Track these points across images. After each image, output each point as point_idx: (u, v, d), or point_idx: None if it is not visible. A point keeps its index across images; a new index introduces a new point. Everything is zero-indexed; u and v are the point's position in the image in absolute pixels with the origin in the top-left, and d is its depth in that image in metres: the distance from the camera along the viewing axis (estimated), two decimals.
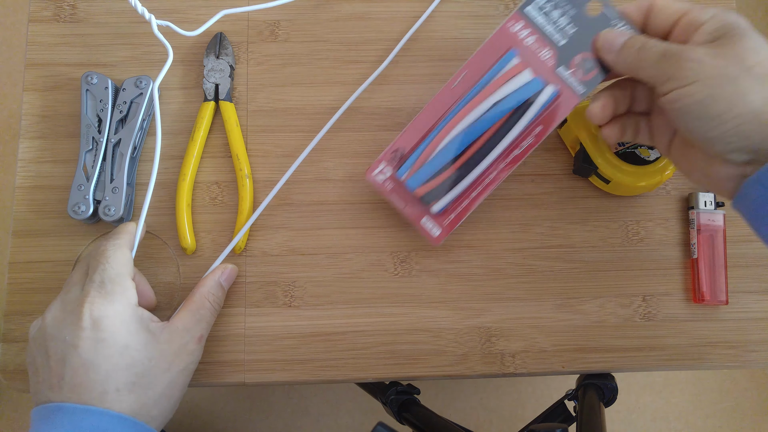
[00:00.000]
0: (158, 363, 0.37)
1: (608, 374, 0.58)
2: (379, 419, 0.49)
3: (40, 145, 0.48)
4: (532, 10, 0.40)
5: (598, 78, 0.40)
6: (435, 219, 0.43)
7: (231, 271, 0.45)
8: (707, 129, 0.33)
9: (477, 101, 0.40)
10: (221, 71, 0.49)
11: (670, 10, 0.37)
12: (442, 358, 0.45)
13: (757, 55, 0.33)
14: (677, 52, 0.34)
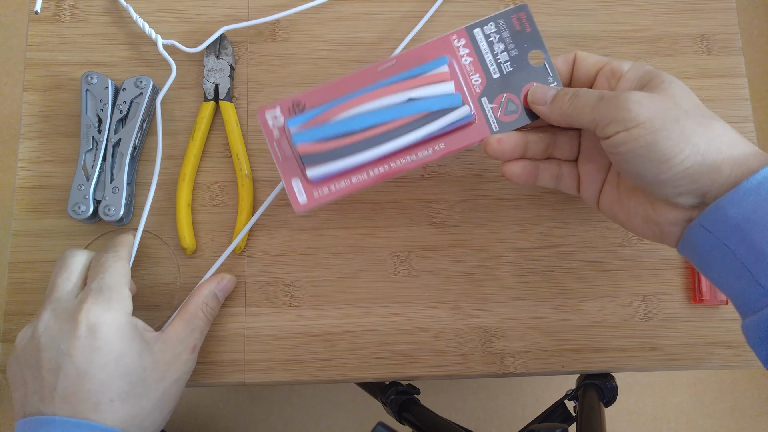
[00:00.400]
0: (152, 373, 0.37)
1: (608, 374, 0.58)
2: (379, 419, 0.49)
3: (40, 145, 0.48)
4: (478, 34, 0.40)
5: (516, 123, 0.39)
6: (307, 185, 0.39)
7: (228, 282, 0.44)
8: (657, 172, 0.32)
9: (394, 89, 0.39)
10: (221, 71, 0.49)
11: (591, 60, 0.38)
12: (441, 358, 0.45)
13: (688, 100, 0.33)
14: (615, 95, 0.34)
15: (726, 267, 0.32)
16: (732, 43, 0.51)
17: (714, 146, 0.32)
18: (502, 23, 0.40)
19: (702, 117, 0.33)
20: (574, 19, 0.51)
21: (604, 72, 0.37)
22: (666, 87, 0.34)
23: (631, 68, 0.36)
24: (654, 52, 0.51)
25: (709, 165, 0.31)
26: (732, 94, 0.50)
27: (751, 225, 0.30)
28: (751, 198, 0.30)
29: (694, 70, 0.50)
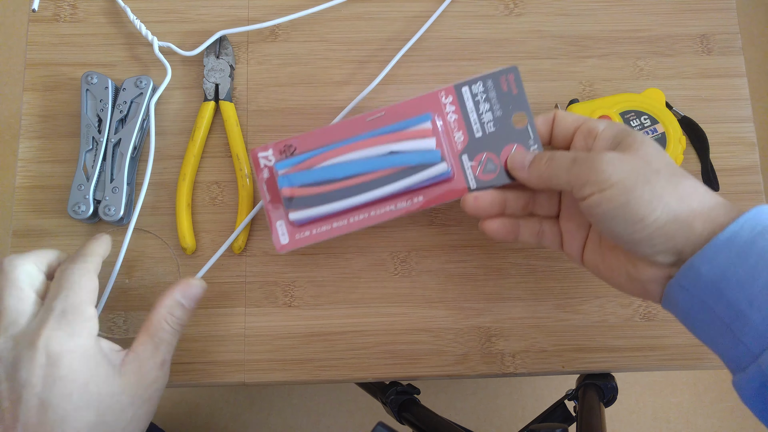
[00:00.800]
0: (121, 397, 0.35)
1: (608, 374, 0.58)
2: (379, 419, 0.49)
3: (40, 145, 0.48)
4: (465, 92, 0.40)
5: (494, 182, 0.40)
6: (290, 228, 0.41)
7: (195, 288, 0.40)
8: (632, 232, 0.33)
9: (378, 141, 0.40)
10: (221, 71, 0.49)
11: (568, 120, 0.39)
12: (442, 358, 0.45)
13: (659, 159, 0.34)
14: (588, 157, 0.35)
15: (708, 324, 0.32)
16: (732, 43, 0.51)
17: (685, 204, 0.32)
18: (491, 83, 0.40)
19: (672, 176, 0.33)
20: (574, 19, 0.51)
21: (582, 131, 0.38)
22: (638, 147, 0.34)
23: (605, 127, 0.37)
24: (654, 52, 0.51)
25: (681, 222, 0.32)
26: (732, 94, 0.50)
27: (726, 283, 0.31)
28: (722, 255, 0.31)
29: (694, 70, 0.51)
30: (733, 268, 0.30)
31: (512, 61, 0.50)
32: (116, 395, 0.35)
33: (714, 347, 0.33)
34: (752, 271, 0.30)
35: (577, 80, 0.50)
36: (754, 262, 0.30)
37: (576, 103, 0.47)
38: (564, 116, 0.39)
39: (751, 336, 0.30)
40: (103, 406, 0.34)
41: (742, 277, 0.30)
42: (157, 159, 0.48)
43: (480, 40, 0.51)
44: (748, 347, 0.30)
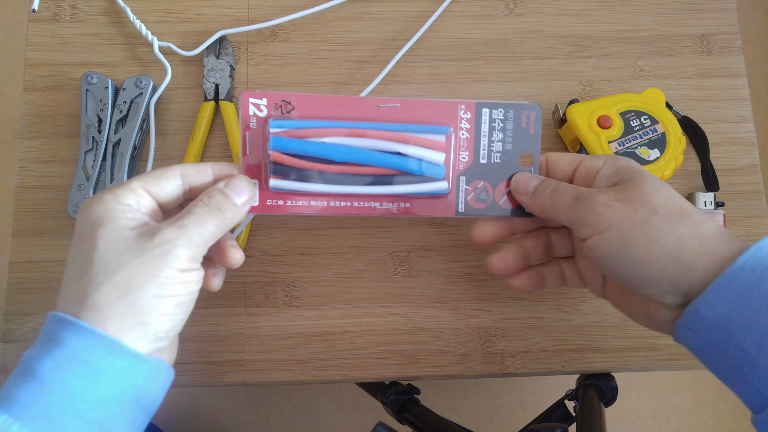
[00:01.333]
0: (123, 248, 0.31)
1: (608, 374, 0.58)
2: (379, 419, 0.49)
3: (40, 145, 0.48)
4: (485, 114, 0.39)
5: (482, 212, 0.39)
6: (264, 190, 0.38)
7: (238, 180, 0.35)
8: (633, 274, 0.33)
9: (387, 136, 0.38)
10: (221, 71, 0.49)
11: (563, 162, 0.38)
12: (442, 358, 0.45)
13: (658, 196, 0.33)
14: (588, 196, 0.34)
15: (719, 365, 0.32)
16: (732, 43, 0.51)
17: (685, 245, 0.31)
18: (511, 114, 0.39)
19: (671, 216, 0.32)
20: (574, 19, 0.51)
21: (580, 171, 0.37)
22: (637, 184, 0.34)
23: (604, 164, 0.36)
24: (654, 52, 0.51)
25: (682, 264, 0.31)
26: (732, 94, 0.50)
27: (733, 326, 0.30)
28: (725, 299, 0.30)
29: (694, 70, 0.51)
30: (737, 313, 0.30)
31: (512, 61, 0.51)
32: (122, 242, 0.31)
33: (729, 386, 0.32)
34: (757, 315, 0.29)
35: (577, 80, 0.50)
36: (758, 306, 0.29)
37: (576, 103, 0.47)
38: (557, 159, 0.38)
39: (763, 380, 0.29)
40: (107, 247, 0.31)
41: (747, 321, 0.29)
42: (157, 159, 0.48)
43: (480, 40, 0.51)
44: (761, 392, 0.30)
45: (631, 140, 0.45)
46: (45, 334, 0.30)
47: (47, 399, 0.28)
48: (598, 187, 0.35)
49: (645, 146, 0.45)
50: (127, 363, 0.30)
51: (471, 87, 0.50)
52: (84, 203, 0.33)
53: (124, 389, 0.30)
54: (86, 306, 0.30)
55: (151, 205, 0.34)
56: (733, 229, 0.47)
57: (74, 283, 0.31)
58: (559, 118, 0.48)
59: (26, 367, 0.29)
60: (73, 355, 0.29)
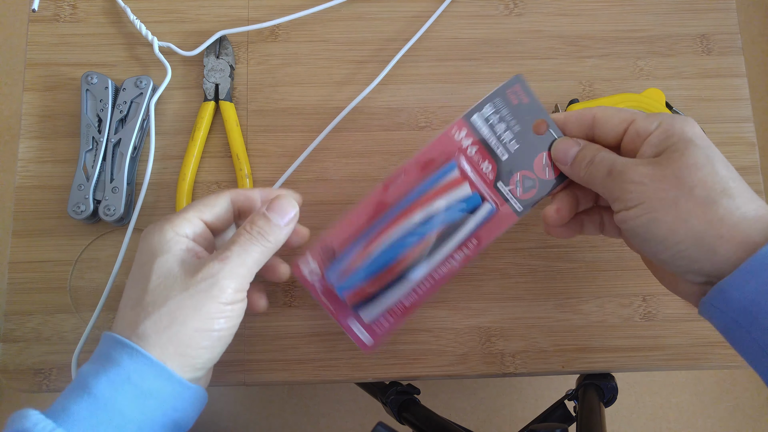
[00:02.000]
0: (173, 280, 0.34)
1: (608, 374, 0.58)
2: (379, 419, 0.49)
3: (40, 145, 0.48)
4: (477, 120, 0.39)
5: (536, 197, 0.39)
6: (367, 327, 0.40)
7: (281, 201, 0.37)
8: (656, 251, 0.33)
9: (412, 210, 0.38)
10: (221, 71, 0.49)
11: (613, 122, 0.36)
12: (442, 358, 0.45)
13: (698, 172, 0.32)
14: (621, 171, 0.33)
15: (744, 344, 0.31)
16: (732, 43, 0.51)
17: (713, 229, 0.31)
18: (499, 101, 0.38)
19: (707, 197, 0.31)
20: (574, 19, 0.51)
21: (630, 133, 0.35)
22: (679, 156, 0.32)
23: (657, 128, 0.34)
24: (654, 52, 0.51)
25: (705, 247, 0.31)
26: (732, 94, 0.50)
27: (759, 308, 0.29)
28: (753, 282, 0.30)
29: (694, 70, 0.51)
30: (766, 297, 0.29)
31: (512, 61, 0.50)
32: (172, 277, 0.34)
33: (752, 365, 0.32)
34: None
35: (577, 80, 0.50)
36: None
37: (576, 103, 0.47)
38: (608, 117, 0.36)
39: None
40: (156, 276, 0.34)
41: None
42: (157, 159, 0.48)
43: (480, 40, 0.51)
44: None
45: None
46: (101, 352, 0.33)
47: (99, 416, 0.30)
48: (643, 153, 0.34)
49: None
50: (172, 388, 0.32)
51: (471, 87, 0.50)
52: (146, 231, 0.36)
53: (167, 412, 0.32)
54: (136, 333, 0.32)
55: (206, 233, 0.36)
56: None
57: (130, 309, 0.33)
58: None
59: (83, 382, 0.31)
60: (127, 376, 0.31)
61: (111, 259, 0.46)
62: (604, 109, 0.37)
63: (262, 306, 0.40)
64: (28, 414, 0.30)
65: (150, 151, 0.46)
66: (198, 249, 0.35)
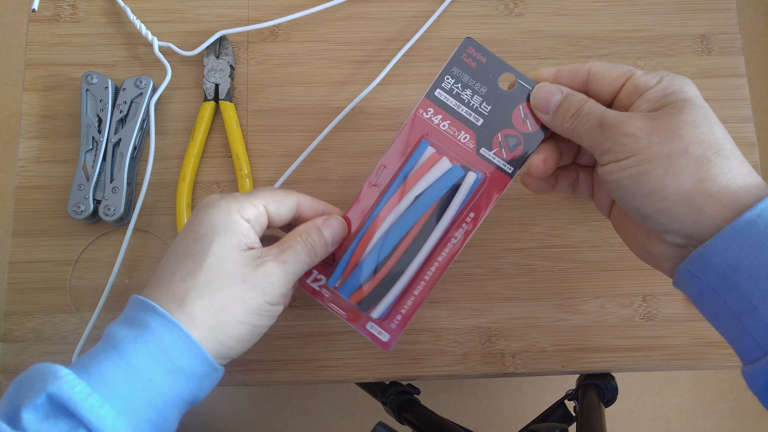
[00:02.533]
0: (233, 268, 0.34)
1: (608, 374, 0.58)
2: (379, 419, 0.49)
3: (40, 145, 0.48)
4: (441, 94, 0.38)
5: (525, 152, 0.37)
6: (380, 323, 0.39)
7: (334, 222, 0.37)
8: (640, 206, 0.32)
9: (397, 198, 0.38)
10: (221, 71, 0.49)
11: (611, 75, 0.35)
12: (442, 358, 0.45)
13: (696, 130, 0.31)
14: (613, 124, 0.32)
15: (717, 313, 0.31)
16: (732, 43, 0.51)
17: (703, 187, 0.30)
18: (457, 70, 0.38)
19: (702, 154, 0.30)
20: (574, 19, 0.51)
21: (627, 87, 0.34)
22: (678, 112, 0.31)
23: (658, 83, 0.33)
24: (654, 52, 0.51)
25: (691, 206, 0.30)
26: (732, 94, 0.50)
27: (738, 274, 0.29)
28: (735, 245, 0.29)
29: (694, 70, 0.50)
30: (747, 260, 0.29)
31: (512, 61, 0.50)
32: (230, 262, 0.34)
33: (723, 334, 0.32)
34: (767, 264, 0.28)
35: None
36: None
37: None
38: (605, 71, 0.35)
39: (762, 332, 0.29)
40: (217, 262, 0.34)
41: (757, 269, 0.28)
42: (157, 159, 0.48)
43: (480, 40, 0.51)
44: (758, 342, 0.29)
45: None
46: (135, 317, 0.32)
47: (134, 384, 0.30)
48: (638, 107, 0.33)
49: None
50: (203, 369, 0.32)
51: None
52: (210, 201, 0.35)
53: (192, 390, 0.33)
54: (183, 309, 0.32)
55: (264, 223, 0.36)
56: None
57: (180, 280, 0.33)
58: None
59: (118, 347, 0.31)
60: (165, 350, 0.31)
61: (111, 259, 0.46)
62: (600, 63, 0.36)
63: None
64: (60, 374, 0.29)
65: (150, 151, 0.46)
66: (254, 238, 0.35)
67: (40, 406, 0.28)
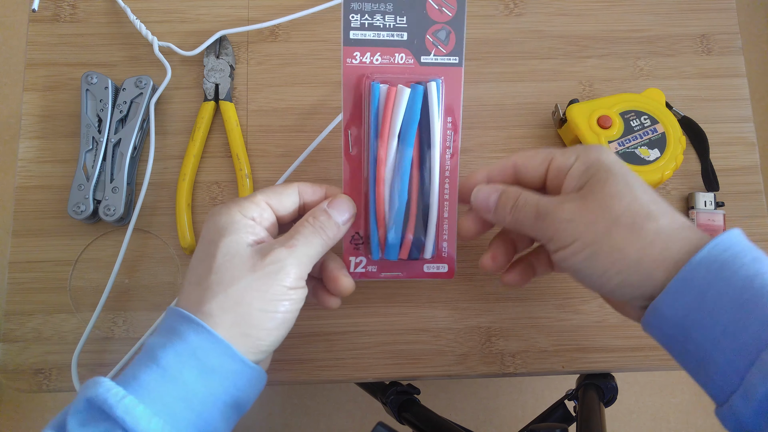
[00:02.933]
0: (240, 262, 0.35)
1: (608, 374, 0.58)
2: (379, 419, 0.49)
3: (40, 145, 0.48)
4: (356, 34, 0.37)
5: (458, 38, 0.37)
6: (435, 261, 0.41)
7: (341, 200, 0.38)
8: (600, 284, 0.33)
9: (383, 150, 0.37)
10: (221, 71, 0.49)
11: (534, 163, 0.37)
12: (442, 358, 0.45)
13: (621, 201, 0.33)
14: (548, 212, 0.34)
15: (683, 359, 0.32)
16: (732, 43, 0.51)
17: (646, 253, 0.32)
18: (355, 4, 0.37)
19: (633, 223, 0.32)
20: (574, 19, 0.51)
21: (552, 170, 0.36)
22: (601, 187, 0.33)
23: (576, 161, 0.35)
24: (654, 52, 0.51)
25: (643, 273, 0.32)
26: (732, 94, 0.50)
27: (690, 323, 0.31)
28: (680, 298, 0.31)
29: (694, 70, 0.50)
30: (693, 311, 0.30)
31: (512, 61, 0.51)
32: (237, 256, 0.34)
33: (693, 378, 0.33)
34: (711, 313, 0.30)
35: (577, 80, 0.50)
36: (712, 306, 0.30)
37: (576, 103, 0.47)
38: (527, 161, 0.37)
39: (721, 376, 0.30)
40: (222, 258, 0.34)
41: (703, 320, 0.30)
42: (157, 159, 0.48)
43: (480, 40, 0.51)
44: (721, 387, 0.30)
45: (631, 140, 0.45)
46: (167, 326, 0.33)
47: (167, 386, 0.31)
48: (567, 188, 0.35)
49: (645, 146, 0.45)
50: (234, 366, 0.33)
51: (471, 87, 0.50)
52: (213, 211, 0.36)
53: (228, 389, 0.33)
54: (201, 311, 0.33)
55: (271, 218, 0.37)
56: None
57: (195, 286, 0.34)
58: (559, 118, 0.48)
59: (151, 354, 0.32)
60: (192, 351, 0.32)
61: (111, 259, 0.46)
62: (522, 153, 0.38)
63: (333, 304, 0.40)
64: (100, 381, 0.31)
65: (150, 151, 0.46)
66: (262, 233, 0.36)
67: (82, 411, 0.30)
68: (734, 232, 0.32)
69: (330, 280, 0.39)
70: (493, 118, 0.49)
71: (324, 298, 0.40)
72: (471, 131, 0.49)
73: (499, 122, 0.49)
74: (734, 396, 0.29)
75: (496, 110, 0.50)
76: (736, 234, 0.32)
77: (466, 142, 0.49)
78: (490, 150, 0.49)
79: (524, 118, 0.49)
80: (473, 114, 0.49)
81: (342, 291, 0.39)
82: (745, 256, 0.31)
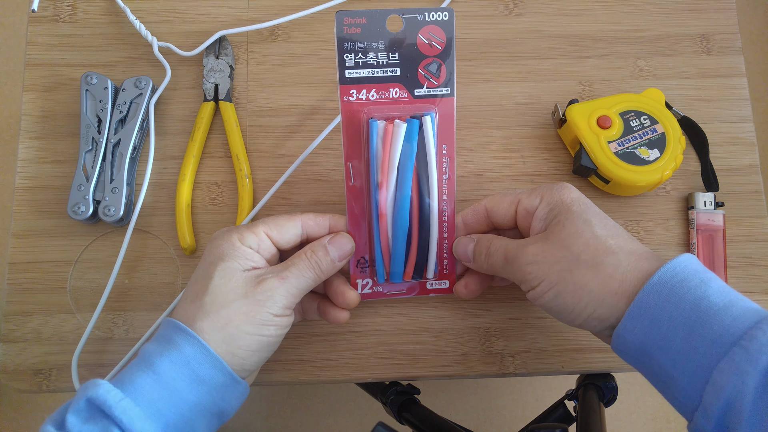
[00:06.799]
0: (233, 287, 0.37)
1: (608, 374, 0.58)
2: (379, 419, 0.49)
3: (40, 145, 0.48)
4: (351, 73, 0.38)
5: (449, 68, 0.39)
6: (436, 279, 0.43)
7: (341, 238, 0.40)
8: (572, 320, 0.35)
9: (384, 181, 0.39)
10: (221, 71, 0.49)
11: (503, 206, 0.40)
12: (442, 358, 0.45)
13: (579, 239, 0.35)
14: (515, 256, 0.36)
15: (651, 378, 0.35)
16: (732, 43, 0.51)
17: (608, 287, 0.34)
18: (348, 45, 0.38)
19: (593, 259, 0.34)
20: (574, 19, 0.51)
21: (520, 212, 0.39)
22: (561, 227, 0.35)
23: (540, 202, 0.38)
24: (654, 52, 0.51)
25: (608, 306, 0.34)
26: (732, 94, 0.50)
27: (649, 346, 0.33)
28: (638, 324, 0.33)
29: (694, 70, 0.50)
30: (651, 336, 0.32)
31: (512, 61, 0.51)
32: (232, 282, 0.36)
33: (664, 397, 0.35)
34: (666, 337, 0.32)
35: (577, 80, 0.50)
36: (666, 330, 0.32)
37: (576, 103, 0.47)
38: (497, 203, 0.40)
39: (683, 396, 0.32)
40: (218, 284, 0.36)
41: (660, 342, 0.32)
42: (157, 159, 0.48)
43: (480, 40, 0.51)
44: (684, 404, 0.32)
45: (631, 140, 0.45)
46: (163, 335, 0.35)
47: (161, 392, 0.33)
48: (534, 229, 0.38)
49: (645, 146, 0.45)
50: (223, 379, 0.35)
51: (471, 87, 0.50)
52: (216, 234, 0.39)
53: (215, 401, 0.35)
54: (194, 327, 0.35)
55: (270, 248, 0.39)
56: (733, 229, 0.47)
57: (191, 302, 0.36)
58: (558, 118, 0.48)
59: (147, 360, 0.34)
60: (186, 361, 0.34)
61: (111, 260, 0.46)
62: (492, 197, 0.41)
63: (342, 318, 0.42)
64: (99, 383, 0.33)
65: (150, 151, 0.46)
66: (260, 261, 0.38)
67: (82, 409, 0.32)
68: (684, 257, 0.33)
69: (336, 295, 0.41)
70: (493, 118, 0.49)
71: (331, 312, 0.42)
72: (470, 131, 0.49)
73: (498, 122, 0.49)
74: (696, 414, 0.31)
75: (496, 110, 0.50)
76: (685, 259, 0.33)
77: (465, 142, 0.49)
78: (490, 150, 0.49)
79: (524, 118, 0.49)
80: (473, 114, 0.49)
81: (348, 303, 0.41)
82: (692, 280, 0.32)
